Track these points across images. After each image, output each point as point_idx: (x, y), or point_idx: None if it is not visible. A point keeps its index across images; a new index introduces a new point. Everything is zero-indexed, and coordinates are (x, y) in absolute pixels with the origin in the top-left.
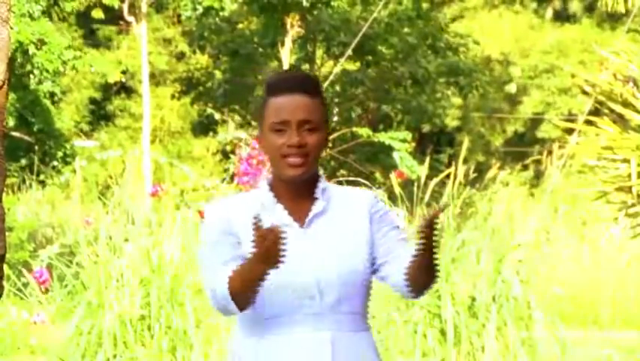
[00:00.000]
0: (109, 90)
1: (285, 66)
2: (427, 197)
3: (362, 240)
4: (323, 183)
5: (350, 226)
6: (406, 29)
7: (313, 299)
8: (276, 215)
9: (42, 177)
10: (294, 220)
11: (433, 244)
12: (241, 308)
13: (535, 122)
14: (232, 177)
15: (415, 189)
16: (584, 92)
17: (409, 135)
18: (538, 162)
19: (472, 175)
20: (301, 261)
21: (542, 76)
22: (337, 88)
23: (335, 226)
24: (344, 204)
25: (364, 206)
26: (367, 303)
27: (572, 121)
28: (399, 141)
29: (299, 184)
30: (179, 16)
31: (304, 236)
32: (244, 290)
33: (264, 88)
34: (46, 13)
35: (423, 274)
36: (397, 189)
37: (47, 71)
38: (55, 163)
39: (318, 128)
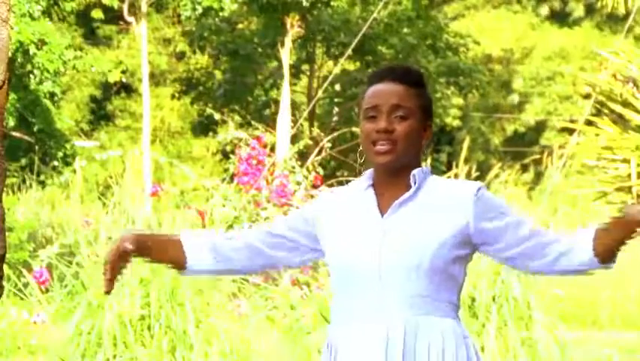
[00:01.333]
0: (109, 90)
1: (285, 66)
2: None
3: (443, 229)
4: (420, 172)
5: (433, 215)
6: (405, 29)
7: (373, 284)
8: (365, 203)
9: (42, 177)
10: (379, 208)
11: None
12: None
13: (537, 127)
14: (232, 177)
15: None
16: (586, 97)
17: None
18: (538, 161)
19: (473, 174)
20: (368, 247)
21: (544, 83)
22: (337, 88)
23: (416, 214)
24: (439, 195)
25: (464, 197)
26: (445, 288)
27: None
28: None
29: (393, 172)
30: (179, 15)
31: (381, 225)
32: None
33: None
34: (46, 13)
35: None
36: None
37: (48, 71)
38: (55, 163)
39: (410, 116)
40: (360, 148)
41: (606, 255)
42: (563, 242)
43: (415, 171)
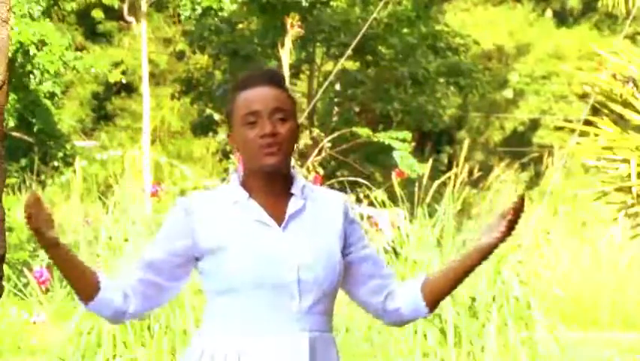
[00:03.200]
0: (110, 89)
1: (285, 66)
2: (428, 197)
3: (335, 243)
4: (300, 180)
5: (325, 227)
6: (405, 29)
7: (293, 299)
8: (253, 213)
9: (42, 177)
10: (273, 219)
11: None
12: (82, 300)
13: (533, 126)
14: None
15: (416, 189)
16: (583, 96)
17: (409, 135)
18: (539, 159)
19: (475, 175)
20: (281, 261)
21: (539, 81)
22: (337, 88)
23: (311, 226)
24: (320, 204)
25: (338, 209)
26: (333, 303)
27: (568, 123)
28: (399, 141)
29: (273, 179)
30: (179, 15)
31: (283, 236)
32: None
33: (232, 88)
34: (46, 13)
35: (458, 282)
36: (398, 190)
37: (48, 72)
38: (55, 163)
39: (289, 118)
40: (239, 155)
41: (437, 296)
42: (397, 288)
43: (298, 180)
